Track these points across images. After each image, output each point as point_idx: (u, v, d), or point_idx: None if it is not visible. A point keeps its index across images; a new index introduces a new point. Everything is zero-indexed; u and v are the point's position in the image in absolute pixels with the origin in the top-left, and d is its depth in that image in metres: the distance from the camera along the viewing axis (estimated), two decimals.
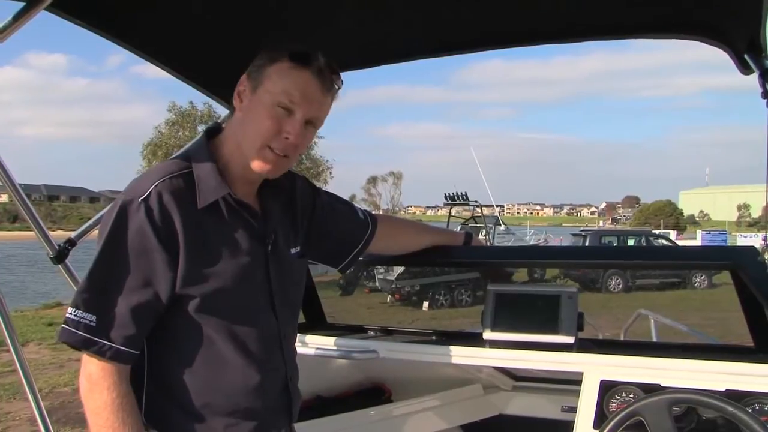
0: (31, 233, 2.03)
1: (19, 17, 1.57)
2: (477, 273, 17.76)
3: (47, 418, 2.04)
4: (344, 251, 2.00)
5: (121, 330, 1.43)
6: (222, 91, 2.52)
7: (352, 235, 2.00)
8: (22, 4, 1.58)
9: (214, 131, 1.66)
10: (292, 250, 1.75)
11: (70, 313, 1.43)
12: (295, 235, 1.79)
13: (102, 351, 1.42)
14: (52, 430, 2.06)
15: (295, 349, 1.79)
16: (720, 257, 2.16)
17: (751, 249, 1.94)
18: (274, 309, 1.64)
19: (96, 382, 1.43)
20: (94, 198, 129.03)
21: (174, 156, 1.74)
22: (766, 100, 1.86)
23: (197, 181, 1.52)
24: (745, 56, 1.96)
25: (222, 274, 1.52)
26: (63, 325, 1.44)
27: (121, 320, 1.43)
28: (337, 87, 1.62)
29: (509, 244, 24.04)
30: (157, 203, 1.44)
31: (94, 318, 1.42)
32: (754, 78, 2.02)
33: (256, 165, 1.57)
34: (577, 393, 2.08)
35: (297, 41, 1.60)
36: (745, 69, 2.01)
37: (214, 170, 1.54)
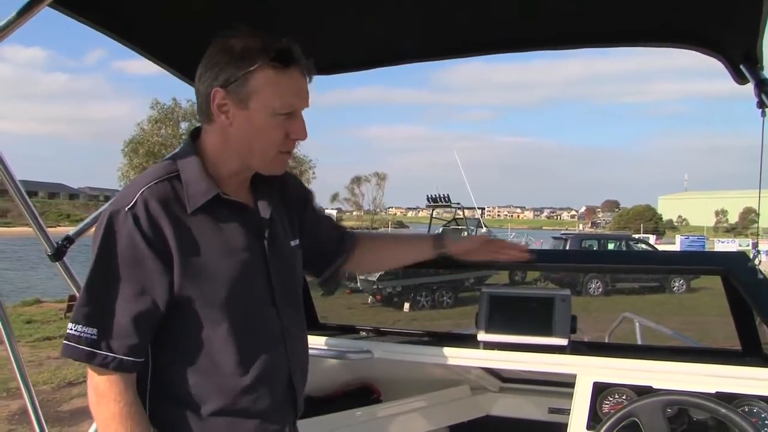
0: (9, 230, 2.00)
1: (23, 13, 1.56)
2: (458, 275, 17.79)
3: (41, 414, 2.03)
4: (328, 260, 1.97)
5: (123, 340, 1.43)
6: None
7: (334, 243, 1.97)
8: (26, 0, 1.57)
9: (198, 132, 1.64)
10: (292, 243, 1.75)
11: (71, 329, 1.43)
12: (293, 227, 1.78)
13: (105, 363, 1.42)
14: (45, 428, 2.04)
15: (304, 343, 1.78)
16: (711, 262, 2.19)
17: (742, 254, 1.98)
18: (275, 303, 1.63)
19: (103, 394, 1.43)
20: (73, 195, 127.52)
21: (163, 159, 1.73)
22: (761, 110, 1.90)
23: (185, 185, 1.51)
24: (741, 66, 1.99)
25: (219, 273, 1.51)
26: (65, 341, 1.44)
27: (121, 331, 1.43)
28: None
29: None
30: (144, 211, 1.43)
31: (94, 331, 1.42)
32: (732, 85, 2.07)
33: (274, 169, 1.59)
34: (564, 394, 2.10)
35: (244, 30, 1.54)
36: (740, 79, 2.03)
37: (202, 172, 1.53)
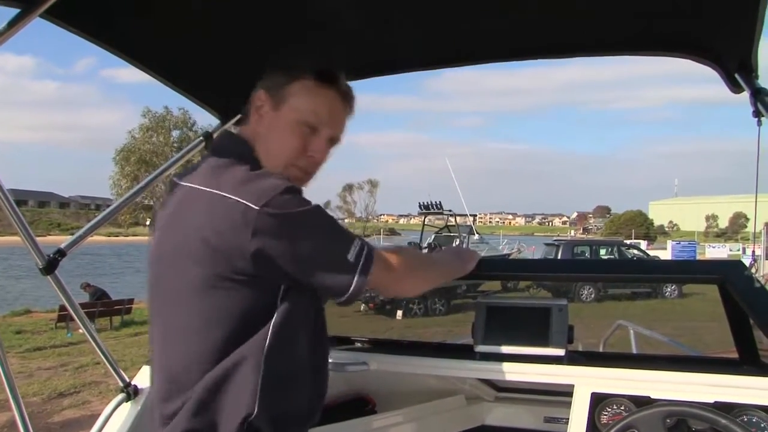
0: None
1: (14, 23, 1.55)
2: (450, 282, 17.72)
3: (30, 427, 2.00)
4: None
5: None
6: (213, 100, 2.51)
7: None
8: (17, 10, 1.56)
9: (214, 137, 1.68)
10: None
11: (351, 252, 1.45)
12: None
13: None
14: None
15: None
16: (708, 271, 2.18)
17: (738, 263, 1.98)
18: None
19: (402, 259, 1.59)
20: (63, 203, 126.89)
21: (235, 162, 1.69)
22: (757, 119, 1.90)
23: None
24: (736, 75, 1.99)
25: None
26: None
27: None
28: None
29: (483, 254, 24.19)
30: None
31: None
32: (721, 90, 2.07)
33: None
34: (560, 404, 2.08)
35: (314, 57, 1.61)
36: (735, 88, 2.03)
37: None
